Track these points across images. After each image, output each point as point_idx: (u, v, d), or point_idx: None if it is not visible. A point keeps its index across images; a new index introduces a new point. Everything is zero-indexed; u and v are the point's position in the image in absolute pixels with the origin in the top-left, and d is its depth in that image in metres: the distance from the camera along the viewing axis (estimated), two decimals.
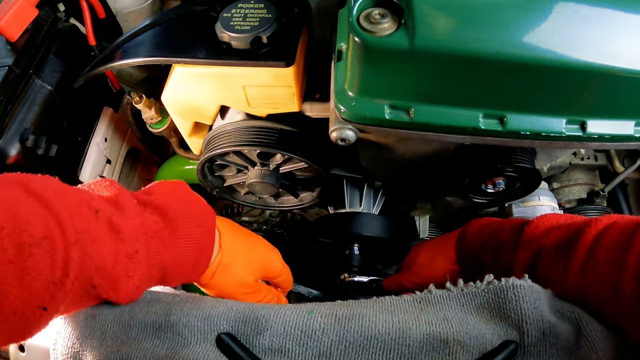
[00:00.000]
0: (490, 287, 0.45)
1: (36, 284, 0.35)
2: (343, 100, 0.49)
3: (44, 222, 0.36)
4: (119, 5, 0.81)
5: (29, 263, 0.34)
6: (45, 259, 0.36)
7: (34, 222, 0.36)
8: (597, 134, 0.48)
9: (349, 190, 0.84)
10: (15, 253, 0.34)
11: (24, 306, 0.35)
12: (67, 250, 0.37)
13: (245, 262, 0.62)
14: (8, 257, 0.33)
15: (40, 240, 0.35)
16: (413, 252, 0.79)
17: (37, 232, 0.35)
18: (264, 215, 1.02)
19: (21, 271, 0.34)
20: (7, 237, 0.34)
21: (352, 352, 0.43)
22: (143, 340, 0.45)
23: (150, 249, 0.46)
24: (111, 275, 0.42)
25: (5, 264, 0.33)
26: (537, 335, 0.42)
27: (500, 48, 0.42)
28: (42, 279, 0.35)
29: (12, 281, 0.34)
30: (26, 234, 0.35)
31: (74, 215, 0.39)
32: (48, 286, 0.36)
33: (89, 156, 0.80)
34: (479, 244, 0.62)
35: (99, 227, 0.41)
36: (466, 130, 0.48)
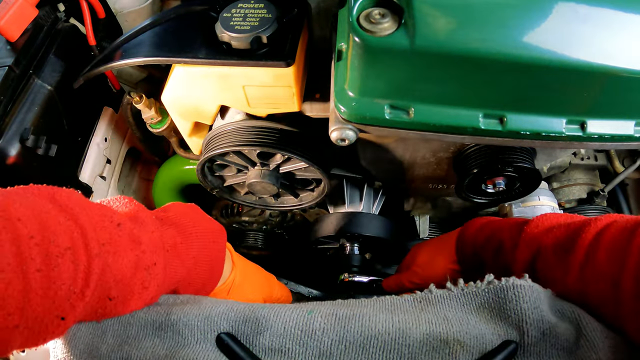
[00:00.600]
0: (490, 287, 0.45)
1: (59, 294, 0.36)
2: (343, 100, 0.49)
3: (69, 234, 0.37)
4: (118, 5, 0.81)
5: (55, 272, 0.35)
6: (69, 269, 0.37)
7: (60, 233, 0.37)
8: (597, 134, 0.48)
9: (349, 190, 0.84)
10: (43, 262, 0.35)
11: (44, 314, 0.36)
12: (89, 262, 0.38)
13: (256, 282, 0.66)
14: (36, 266, 0.34)
15: (65, 251, 0.36)
16: (413, 252, 0.79)
17: (63, 243, 0.36)
18: (264, 215, 1.02)
19: (47, 280, 0.35)
20: (36, 247, 0.34)
21: (352, 351, 0.43)
22: (143, 339, 0.45)
23: (167, 261, 0.48)
24: (128, 286, 0.43)
25: (33, 272, 0.34)
26: (537, 335, 0.42)
27: (500, 48, 0.42)
28: (65, 289, 0.36)
29: (38, 289, 0.34)
30: (53, 244, 0.36)
31: (97, 228, 0.40)
32: (69, 296, 0.37)
33: (89, 156, 0.80)
34: (479, 243, 0.62)
35: (121, 240, 0.42)
36: (466, 130, 0.48)
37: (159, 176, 0.99)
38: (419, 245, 0.80)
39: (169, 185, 0.99)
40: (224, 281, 0.59)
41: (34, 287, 0.34)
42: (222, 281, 0.59)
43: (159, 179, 0.99)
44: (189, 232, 0.52)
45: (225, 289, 0.60)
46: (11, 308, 0.33)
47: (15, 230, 0.34)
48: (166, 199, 1.01)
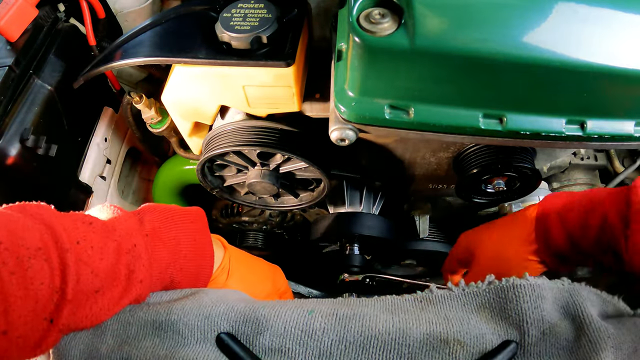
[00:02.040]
0: (491, 286, 0.45)
1: (41, 294, 0.37)
2: (343, 100, 0.49)
3: (38, 236, 0.38)
4: (118, 5, 0.81)
5: (30, 273, 0.36)
6: (44, 268, 0.37)
7: (29, 236, 0.38)
8: (597, 134, 0.48)
9: (349, 190, 0.84)
10: (15, 264, 0.36)
11: (32, 318, 0.37)
12: (61, 258, 0.39)
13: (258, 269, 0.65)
14: (9, 269, 0.35)
15: (36, 252, 0.37)
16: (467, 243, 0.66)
17: (33, 244, 0.37)
18: (264, 215, 1.02)
19: (24, 281, 0.36)
20: (6, 251, 0.36)
21: (353, 351, 0.43)
22: (143, 339, 0.45)
23: (148, 244, 0.48)
24: (113, 273, 0.43)
25: (8, 275, 0.35)
26: (537, 335, 0.42)
27: (500, 48, 0.42)
28: (45, 288, 0.37)
29: (17, 291, 0.35)
30: (23, 247, 0.37)
31: (68, 229, 0.41)
32: (51, 295, 0.38)
33: (89, 156, 0.80)
34: (573, 222, 0.51)
35: (95, 235, 0.43)
36: (466, 130, 0.48)
37: (159, 176, 0.99)
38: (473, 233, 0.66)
39: (169, 185, 0.99)
40: (220, 264, 0.58)
41: (11, 290, 0.35)
42: (217, 264, 0.58)
43: (159, 179, 0.99)
44: (165, 217, 0.52)
45: (223, 271, 0.59)
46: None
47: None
48: (166, 199, 1.01)
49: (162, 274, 0.49)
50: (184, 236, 0.52)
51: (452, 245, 0.87)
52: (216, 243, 0.59)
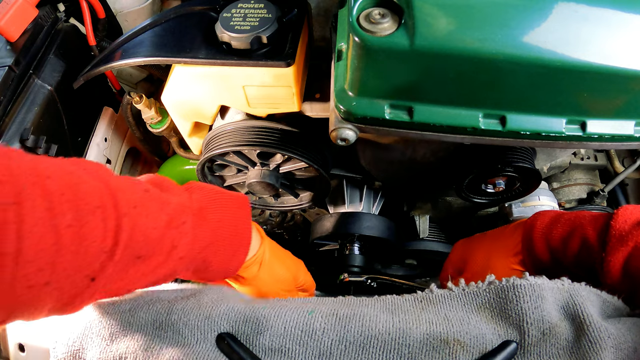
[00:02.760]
0: (491, 287, 0.45)
1: (90, 251, 0.36)
2: (343, 100, 0.49)
3: (98, 194, 0.38)
4: (118, 5, 0.81)
5: (86, 229, 0.36)
6: (99, 227, 0.37)
7: (89, 192, 0.37)
8: (597, 134, 0.48)
9: (349, 190, 0.84)
10: (74, 218, 0.35)
11: (75, 273, 0.36)
12: (118, 220, 0.38)
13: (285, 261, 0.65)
14: (67, 222, 0.35)
15: (95, 209, 0.37)
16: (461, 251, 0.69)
17: (92, 201, 0.37)
18: (264, 215, 1.02)
19: (78, 236, 0.35)
20: (67, 203, 0.35)
21: (353, 351, 0.43)
22: (143, 338, 0.45)
23: (195, 222, 0.48)
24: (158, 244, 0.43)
25: (65, 227, 0.34)
26: (537, 335, 0.42)
27: (500, 48, 0.42)
28: (95, 247, 0.37)
29: (70, 245, 0.35)
30: (83, 202, 0.36)
31: (127, 191, 0.41)
32: (99, 255, 0.37)
33: (89, 156, 0.80)
34: (556, 240, 0.55)
35: (151, 202, 0.43)
36: (466, 130, 0.48)
37: None
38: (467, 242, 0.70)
39: None
40: (254, 253, 0.58)
41: (65, 243, 0.34)
42: (252, 253, 0.58)
43: None
44: (213, 198, 0.52)
45: (256, 261, 0.59)
46: (42, 262, 0.33)
47: (45, 187, 0.34)
48: None
49: (200, 253, 0.49)
50: (227, 220, 0.53)
51: (452, 245, 0.87)
52: (255, 232, 0.59)
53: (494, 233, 0.66)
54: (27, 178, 0.33)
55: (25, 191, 0.32)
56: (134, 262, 0.42)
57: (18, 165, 0.33)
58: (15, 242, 0.31)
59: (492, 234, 0.67)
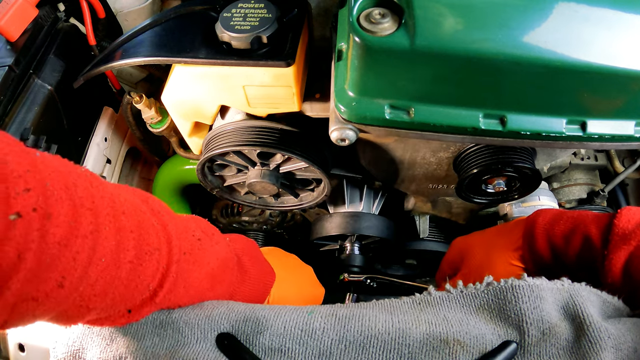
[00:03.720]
0: (489, 288, 0.45)
1: (139, 289, 0.39)
2: (343, 100, 0.49)
3: (157, 237, 0.40)
4: (119, 5, 0.81)
5: (142, 268, 0.38)
6: (153, 267, 0.39)
7: (152, 234, 0.39)
8: (598, 134, 0.48)
9: (349, 190, 0.84)
10: (135, 256, 0.37)
11: (120, 304, 0.38)
12: (168, 266, 0.41)
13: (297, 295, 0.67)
14: (129, 258, 0.36)
15: (154, 251, 0.39)
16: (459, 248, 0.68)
17: (153, 243, 0.39)
18: (264, 215, 1.02)
19: (134, 273, 0.37)
20: (133, 241, 0.37)
21: (352, 351, 0.43)
22: (143, 338, 0.45)
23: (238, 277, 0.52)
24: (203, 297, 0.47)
25: (126, 262, 0.36)
26: (537, 335, 0.42)
27: (500, 48, 0.42)
28: (144, 285, 0.39)
29: (124, 279, 0.37)
30: (145, 242, 0.38)
31: (181, 237, 0.43)
32: (144, 293, 0.40)
33: (89, 156, 0.80)
34: (557, 237, 0.54)
35: (200, 252, 0.45)
36: (466, 130, 0.48)
37: (159, 176, 0.99)
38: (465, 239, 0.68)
39: (169, 185, 0.99)
40: None
41: (122, 276, 0.36)
42: None
43: (159, 179, 0.99)
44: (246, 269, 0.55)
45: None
46: (99, 289, 0.35)
47: (120, 222, 0.36)
48: (166, 198, 1.01)
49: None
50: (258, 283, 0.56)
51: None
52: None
53: (494, 229, 0.65)
54: (107, 210, 0.35)
55: (104, 223, 0.34)
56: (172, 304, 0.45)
57: (101, 196, 0.35)
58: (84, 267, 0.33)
59: (491, 230, 0.66)
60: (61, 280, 0.31)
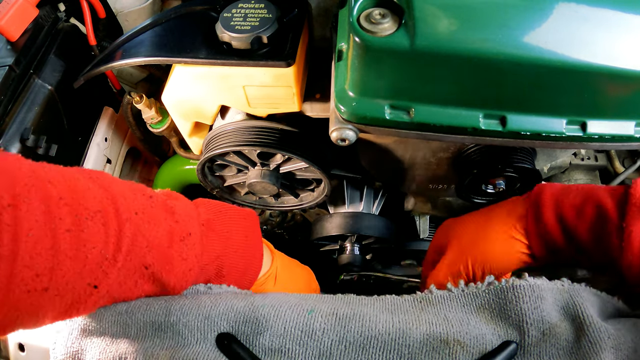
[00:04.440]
0: (490, 287, 0.45)
1: (90, 257, 0.36)
2: (343, 100, 0.49)
3: (99, 199, 0.37)
4: (119, 5, 0.81)
5: (85, 234, 0.35)
6: (100, 232, 0.36)
7: (89, 197, 0.37)
8: (598, 135, 0.48)
9: (349, 190, 0.84)
10: (73, 222, 0.34)
11: (75, 279, 0.36)
12: (120, 226, 0.38)
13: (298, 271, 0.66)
14: (65, 226, 0.34)
15: (95, 214, 0.36)
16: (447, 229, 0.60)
17: (92, 206, 0.36)
18: (264, 215, 1.02)
19: (77, 241, 0.35)
20: (65, 207, 0.34)
21: (352, 352, 0.43)
22: (142, 340, 0.45)
23: (202, 233, 0.47)
24: (166, 255, 0.42)
25: (63, 232, 0.34)
26: (537, 336, 0.42)
27: (500, 48, 0.42)
28: (96, 253, 0.36)
29: (68, 250, 0.34)
30: (83, 207, 0.35)
31: (128, 198, 0.40)
32: (101, 262, 0.37)
33: (89, 156, 0.80)
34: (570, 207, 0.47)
35: (154, 210, 0.42)
36: (466, 130, 0.48)
37: (159, 176, 0.99)
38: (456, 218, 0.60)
39: (169, 185, 0.99)
40: (268, 269, 0.58)
41: (63, 248, 0.34)
42: (265, 269, 0.58)
43: (159, 179, 0.99)
44: (219, 210, 0.52)
45: (271, 277, 0.59)
46: (40, 268, 0.32)
47: (44, 190, 0.33)
48: None
49: (209, 265, 0.49)
50: (236, 231, 0.52)
51: None
52: (265, 248, 0.59)
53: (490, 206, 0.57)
54: (25, 180, 0.33)
55: (23, 194, 0.32)
56: (141, 271, 0.41)
57: (18, 168, 0.33)
58: (10, 245, 0.30)
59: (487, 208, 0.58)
60: None
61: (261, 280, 0.57)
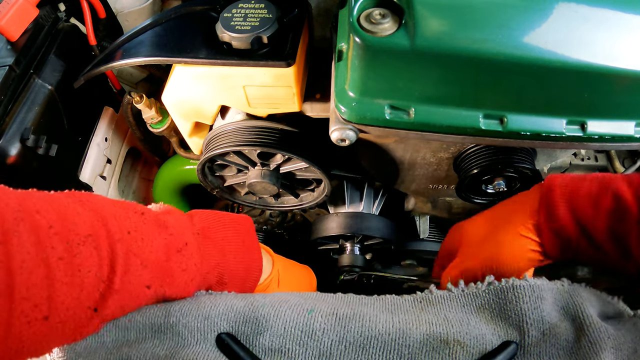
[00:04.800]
0: (490, 287, 0.45)
1: (87, 282, 0.36)
2: (343, 100, 0.49)
3: (89, 223, 0.38)
4: (119, 5, 0.81)
5: (78, 260, 0.35)
6: (93, 256, 0.37)
7: (79, 222, 0.37)
8: (598, 135, 0.48)
9: (349, 190, 0.84)
10: (65, 250, 0.35)
11: (75, 305, 0.36)
12: (111, 246, 0.38)
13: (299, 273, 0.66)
14: (58, 254, 0.34)
15: (86, 238, 0.36)
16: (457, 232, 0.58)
17: (83, 231, 0.37)
18: (264, 215, 1.02)
19: (71, 267, 0.35)
20: (56, 235, 0.35)
21: (352, 352, 0.43)
22: (142, 341, 0.45)
23: (199, 242, 0.48)
24: (165, 269, 0.43)
25: (56, 260, 0.34)
26: (537, 336, 0.42)
27: (500, 48, 0.42)
28: (92, 277, 0.36)
29: (63, 277, 0.34)
30: (73, 232, 0.36)
31: (119, 218, 0.41)
32: (98, 285, 0.37)
33: (89, 156, 0.80)
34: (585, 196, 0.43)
35: (147, 226, 0.43)
36: (466, 130, 0.48)
37: (159, 176, 0.99)
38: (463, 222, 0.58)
39: (169, 185, 0.99)
40: (270, 273, 0.59)
41: (58, 276, 0.34)
42: (266, 273, 0.58)
43: (159, 179, 0.99)
44: (213, 218, 0.52)
45: (274, 280, 0.59)
46: (37, 298, 0.33)
47: (33, 222, 0.34)
48: (166, 199, 1.01)
49: (209, 273, 0.49)
50: (232, 236, 0.53)
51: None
52: (264, 253, 0.59)
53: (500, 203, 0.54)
54: (14, 215, 0.33)
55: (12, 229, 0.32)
56: (144, 291, 0.41)
57: (6, 204, 0.33)
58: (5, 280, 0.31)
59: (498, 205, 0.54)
60: None
61: (264, 284, 0.58)
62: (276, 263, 0.61)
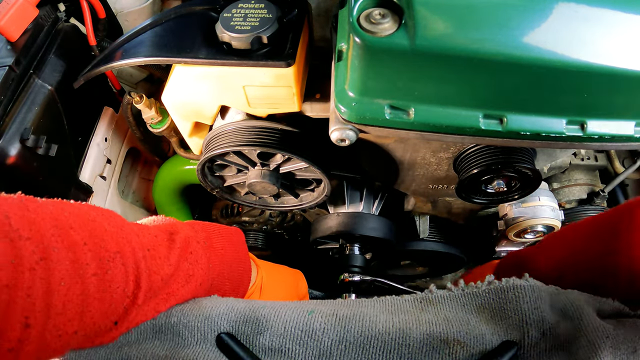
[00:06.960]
0: (490, 287, 0.45)
1: (115, 297, 0.37)
2: (343, 100, 0.49)
3: (116, 240, 0.39)
4: (119, 5, 0.81)
5: (109, 276, 0.36)
6: (121, 272, 0.38)
7: (108, 239, 0.38)
8: (598, 135, 0.48)
9: (349, 191, 0.84)
10: (98, 266, 0.36)
11: (102, 319, 0.37)
12: (136, 263, 0.39)
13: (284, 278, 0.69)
14: (92, 271, 0.35)
15: (115, 255, 0.38)
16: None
17: (112, 247, 0.38)
18: (264, 215, 1.02)
19: (103, 283, 0.36)
20: (90, 252, 0.35)
21: (352, 352, 0.43)
22: (143, 341, 0.45)
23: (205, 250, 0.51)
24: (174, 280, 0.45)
25: (90, 276, 0.35)
26: (537, 336, 0.42)
27: (500, 48, 0.42)
28: (119, 292, 0.38)
29: (95, 293, 0.35)
30: (103, 249, 0.37)
31: (140, 235, 0.42)
32: (123, 300, 0.38)
33: (89, 156, 0.80)
34: None
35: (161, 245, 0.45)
36: (466, 130, 0.48)
37: (159, 176, 0.99)
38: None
39: (169, 185, 0.99)
40: (254, 282, 0.62)
41: (91, 292, 0.35)
42: (251, 282, 0.61)
43: (159, 179, 0.99)
44: (212, 229, 0.55)
45: (257, 289, 0.62)
46: (71, 313, 0.33)
47: (69, 238, 0.34)
48: (166, 199, 1.01)
49: (214, 280, 0.52)
50: (229, 247, 0.56)
51: (452, 245, 0.87)
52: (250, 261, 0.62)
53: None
54: (52, 231, 0.33)
55: (51, 245, 0.33)
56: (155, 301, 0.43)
57: (42, 218, 0.33)
58: (44, 298, 0.31)
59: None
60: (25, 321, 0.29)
61: (248, 292, 0.61)
62: (260, 271, 0.64)
